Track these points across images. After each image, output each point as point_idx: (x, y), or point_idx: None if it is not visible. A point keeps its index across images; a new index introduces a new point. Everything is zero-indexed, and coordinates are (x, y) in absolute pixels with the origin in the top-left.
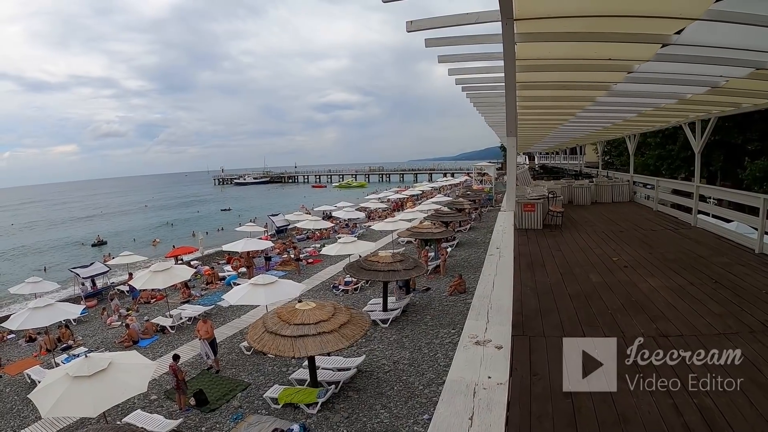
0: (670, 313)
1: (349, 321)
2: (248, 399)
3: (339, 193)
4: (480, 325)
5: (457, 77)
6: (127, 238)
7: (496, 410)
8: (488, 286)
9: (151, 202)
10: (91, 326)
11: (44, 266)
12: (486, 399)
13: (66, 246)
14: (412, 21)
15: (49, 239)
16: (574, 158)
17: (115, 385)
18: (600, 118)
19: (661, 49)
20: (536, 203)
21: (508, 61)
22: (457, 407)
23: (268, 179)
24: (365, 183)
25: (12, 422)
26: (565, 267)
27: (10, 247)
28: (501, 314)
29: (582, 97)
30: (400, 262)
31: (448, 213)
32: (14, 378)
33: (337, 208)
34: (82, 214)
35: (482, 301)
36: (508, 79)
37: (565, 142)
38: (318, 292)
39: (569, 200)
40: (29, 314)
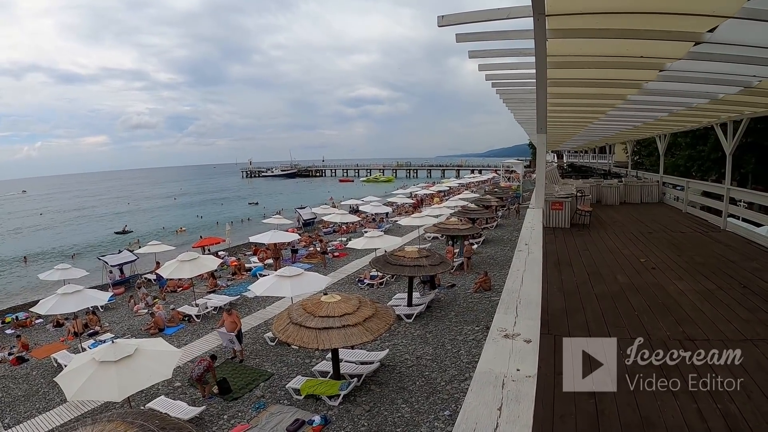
0: (697, 317)
1: (374, 315)
2: (271, 389)
3: (366, 188)
4: (509, 319)
5: (487, 73)
6: (155, 228)
7: (525, 402)
8: (517, 281)
9: (179, 194)
10: (118, 313)
11: (73, 254)
12: (515, 391)
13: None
14: (444, 16)
15: (76, 228)
16: (603, 157)
17: (141, 370)
18: (630, 117)
19: (693, 48)
20: (564, 202)
21: (540, 58)
22: (486, 397)
23: (295, 172)
24: (392, 178)
25: (38, 404)
26: (592, 267)
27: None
28: (530, 309)
29: (613, 95)
30: (426, 257)
31: (474, 210)
32: (41, 361)
33: (364, 203)
34: (111, 204)
35: (511, 295)
36: (539, 76)
37: (595, 140)
38: (343, 286)
39: (597, 200)
40: (57, 300)
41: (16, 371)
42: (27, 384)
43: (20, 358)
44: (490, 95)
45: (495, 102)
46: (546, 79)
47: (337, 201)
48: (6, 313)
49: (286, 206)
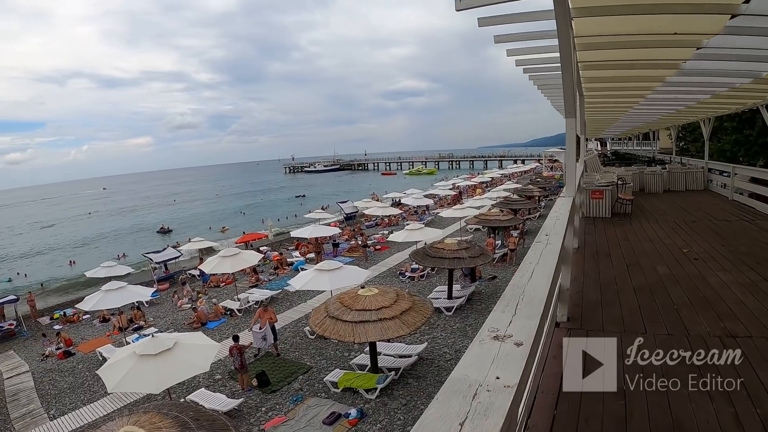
0: (740, 312)
1: (411, 308)
2: (309, 382)
3: (409, 180)
4: (504, 318)
5: (517, 58)
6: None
7: (494, 417)
8: (526, 275)
9: (222, 190)
10: (162, 308)
11: (122, 252)
12: (486, 403)
13: (139, 233)
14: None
15: (123, 227)
16: (647, 144)
17: (179, 364)
18: (671, 101)
19: (730, 21)
20: (605, 190)
21: (563, 38)
22: (450, 409)
23: (338, 167)
24: (435, 170)
25: (82, 396)
26: (631, 257)
27: (87, 234)
28: (531, 307)
29: (650, 77)
30: (466, 249)
31: (516, 200)
32: (87, 355)
33: (406, 195)
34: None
35: (514, 291)
36: (563, 57)
37: (638, 126)
38: (384, 279)
39: (641, 188)
40: (102, 296)
41: (63, 365)
42: (73, 377)
43: (67, 352)
44: (530, 83)
45: (535, 90)
46: (572, 61)
47: (379, 194)
48: (54, 310)
49: (329, 200)
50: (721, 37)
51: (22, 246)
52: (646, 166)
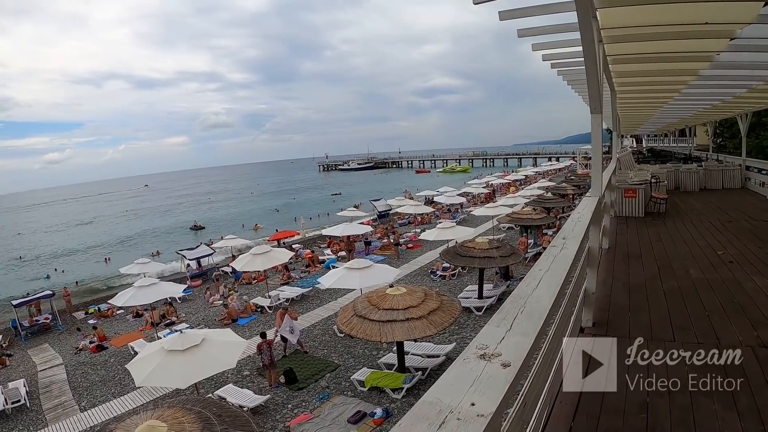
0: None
1: (439, 308)
2: (336, 380)
3: (442, 179)
4: (497, 334)
5: (543, 53)
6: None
7: None
8: (531, 284)
9: (257, 188)
10: (194, 304)
11: (156, 249)
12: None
13: (174, 230)
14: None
15: (158, 225)
16: (683, 141)
17: (206, 359)
18: (706, 95)
19: (764, 9)
20: (638, 189)
21: (585, 30)
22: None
23: (371, 165)
24: (468, 168)
25: (113, 389)
26: (663, 260)
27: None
28: (530, 321)
29: (683, 70)
30: (497, 248)
31: (550, 199)
32: (119, 349)
33: (439, 193)
34: (192, 200)
35: (516, 302)
36: (586, 51)
37: (673, 123)
38: (416, 277)
39: (675, 186)
40: (134, 292)
41: (96, 358)
42: (105, 370)
43: (100, 346)
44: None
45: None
46: (597, 54)
47: (413, 192)
48: (89, 305)
49: (364, 199)
50: (755, 27)
51: (60, 244)
52: (681, 163)
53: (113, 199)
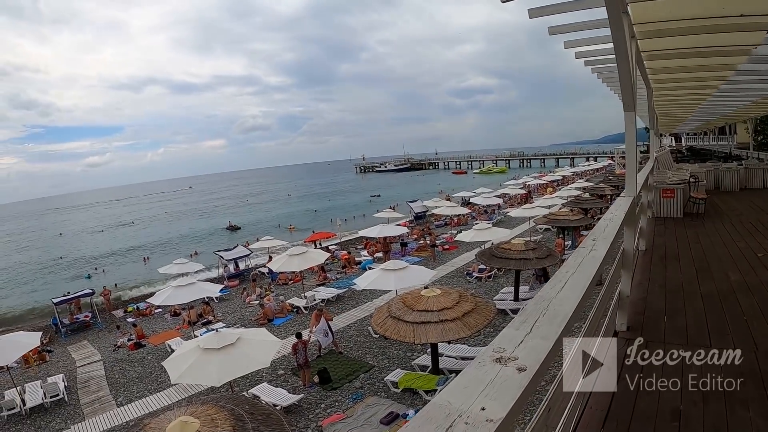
0: None
1: (474, 310)
2: (370, 381)
3: (479, 179)
4: (516, 336)
5: (576, 50)
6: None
7: None
8: (557, 286)
9: (294, 190)
10: (231, 304)
11: (195, 250)
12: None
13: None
14: None
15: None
16: (723, 138)
17: (241, 358)
18: (746, 91)
19: None
20: (676, 189)
21: (615, 26)
22: None
23: (408, 166)
24: (505, 169)
25: (150, 386)
26: (701, 262)
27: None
28: (552, 323)
29: (720, 65)
30: (533, 250)
31: (587, 199)
32: (157, 347)
33: (476, 194)
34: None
35: (539, 304)
36: (618, 47)
37: (713, 120)
38: (452, 279)
39: (715, 185)
40: (172, 291)
41: (133, 355)
42: (142, 367)
43: (138, 343)
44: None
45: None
46: (629, 51)
47: (450, 193)
48: (129, 303)
49: (401, 199)
50: None
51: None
52: (721, 162)
53: (159, 200)
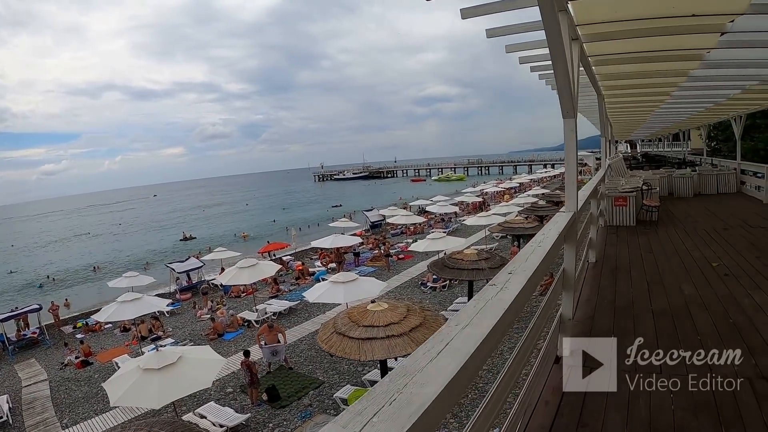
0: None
1: (422, 324)
2: (319, 398)
3: (437, 187)
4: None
5: (519, 54)
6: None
7: None
8: (432, 351)
9: (252, 200)
10: (182, 318)
11: (146, 262)
12: None
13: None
14: None
15: (150, 238)
16: (678, 145)
17: (182, 379)
18: (699, 97)
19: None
20: (629, 197)
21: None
22: None
23: (367, 174)
24: (464, 176)
25: (96, 406)
26: (653, 274)
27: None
28: (398, 419)
29: (672, 71)
30: (486, 260)
31: (543, 206)
32: (104, 365)
33: (433, 202)
34: (186, 213)
35: (392, 383)
36: (553, 48)
37: (667, 127)
38: (406, 289)
39: (669, 192)
40: (117, 307)
41: (80, 374)
42: (88, 386)
43: (85, 361)
44: None
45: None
46: (569, 53)
47: (407, 201)
48: (78, 319)
49: (357, 208)
50: (747, 18)
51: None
52: (675, 168)
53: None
